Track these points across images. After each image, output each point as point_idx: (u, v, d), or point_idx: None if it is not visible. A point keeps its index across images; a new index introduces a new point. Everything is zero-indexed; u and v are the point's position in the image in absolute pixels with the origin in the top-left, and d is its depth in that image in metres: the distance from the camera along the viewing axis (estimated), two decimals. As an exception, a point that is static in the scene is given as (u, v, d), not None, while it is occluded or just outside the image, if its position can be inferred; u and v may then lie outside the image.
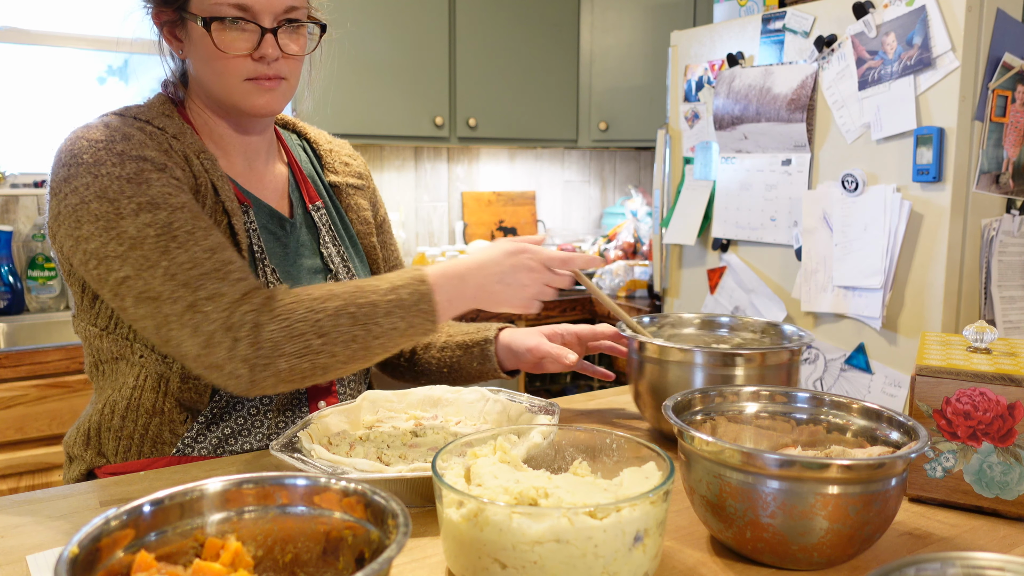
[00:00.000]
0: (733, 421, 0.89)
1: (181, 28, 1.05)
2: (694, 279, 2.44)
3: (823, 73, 1.96)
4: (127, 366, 1.06)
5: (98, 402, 1.09)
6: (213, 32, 1.00)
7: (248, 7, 1.01)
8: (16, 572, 0.72)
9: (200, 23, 1.01)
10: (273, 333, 0.90)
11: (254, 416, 1.09)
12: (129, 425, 1.06)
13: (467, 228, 3.35)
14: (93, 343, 1.07)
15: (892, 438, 0.80)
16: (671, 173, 2.49)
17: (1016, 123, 1.80)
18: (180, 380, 1.04)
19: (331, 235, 1.21)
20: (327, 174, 1.27)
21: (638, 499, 0.64)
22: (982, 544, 0.80)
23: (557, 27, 3.09)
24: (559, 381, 3.22)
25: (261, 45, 1.02)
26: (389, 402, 1.06)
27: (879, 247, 1.84)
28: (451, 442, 0.77)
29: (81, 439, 1.09)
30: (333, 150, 1.31)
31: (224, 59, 1.02)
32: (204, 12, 1.01)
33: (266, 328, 0.90)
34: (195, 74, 1.08)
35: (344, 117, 2.67)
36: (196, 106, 1.11)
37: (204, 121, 1.11)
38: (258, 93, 1.05)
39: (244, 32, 1.02)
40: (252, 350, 0.89)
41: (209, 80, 1.06)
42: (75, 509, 0.86)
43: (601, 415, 1.23)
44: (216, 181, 1.05)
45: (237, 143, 1.13)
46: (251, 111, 1.07)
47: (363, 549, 0.58)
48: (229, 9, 1.00)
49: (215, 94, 1.07)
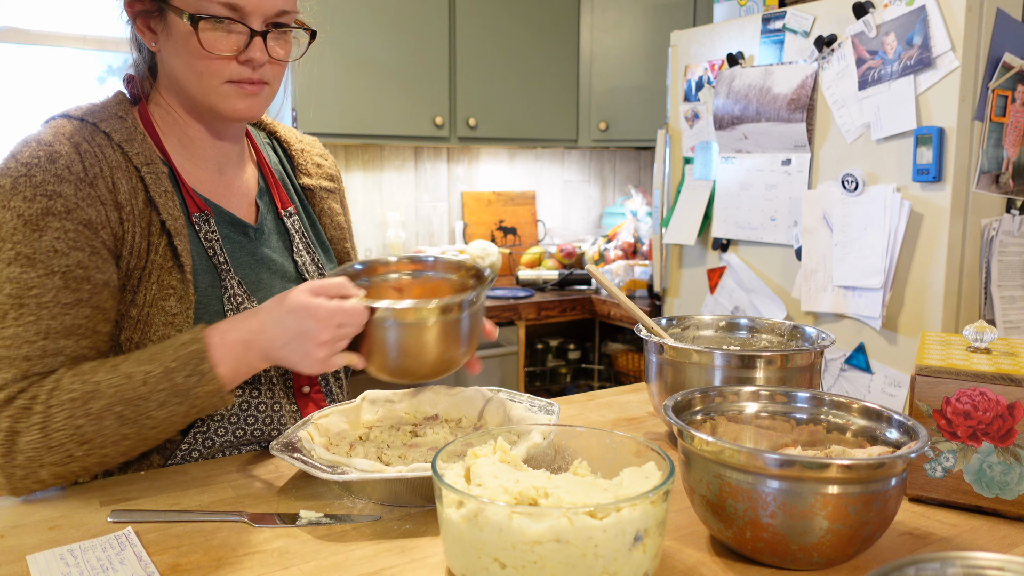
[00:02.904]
0: (733, 421, 0.89)
1: (158, 20, 0.99)
2: (694, 279, 2.44)
3: (823, 73, 1.96)
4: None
5: None
6: (200, 30, 0.95)
7: (239, 7, 0.96)
8: (16, 572, 0.72)
9: (187, 19, 0.95)
10: (30, 443, 0.86)
11: (240, 438, 1.05)
12: None
13: (467, 228, 3.35)
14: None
15: (892, 438, 0.80)
16: (671, 173, 2.49)
17: (1016, 123, 1.80)
18: None
19: (304, 242, 1.16)
20: (299, 176, 1.22)
21: (638, 499, 0.64)
22: (982, 544, 0.79)
23: (557, 27, 3.09)
24: (559, 381, 3.22)
25: (249, 48, 0.98)
26: (389, 402, 1.06)
27: (879, 247, 1.84)
28: (451, 442, 0.77)
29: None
30: (304, 150, 1.25)
31: (207, 59, 0.97)
32: (190, 8, 0.95)
33: (22, 438, 0.86)
34: (170, 70, 1.02)
35: (344, 117, 2.67)
36: (165, 104, 1.05)
37: (173, 120, 1.05)
38: (239, 97, 1.00)
39: (231, 33, 0.97)
40: (6, 460, 0.86)
41: (186, 79, 1.00)
42: (75, 509, 0.86)
43: (601, 415, 1.23)
44: (157, 199, 0.98)
45: (208, 146, 1.08)
46: (230, 115, 1.01)
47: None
48: (219, 8, 0.95)
49: (191, 94, 1.01)
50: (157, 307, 0.97)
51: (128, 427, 0.88)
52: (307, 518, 0.82)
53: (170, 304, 0.98)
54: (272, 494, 0.90)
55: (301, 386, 1.11)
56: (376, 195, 3.17)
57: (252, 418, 1.05)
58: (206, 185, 1.08)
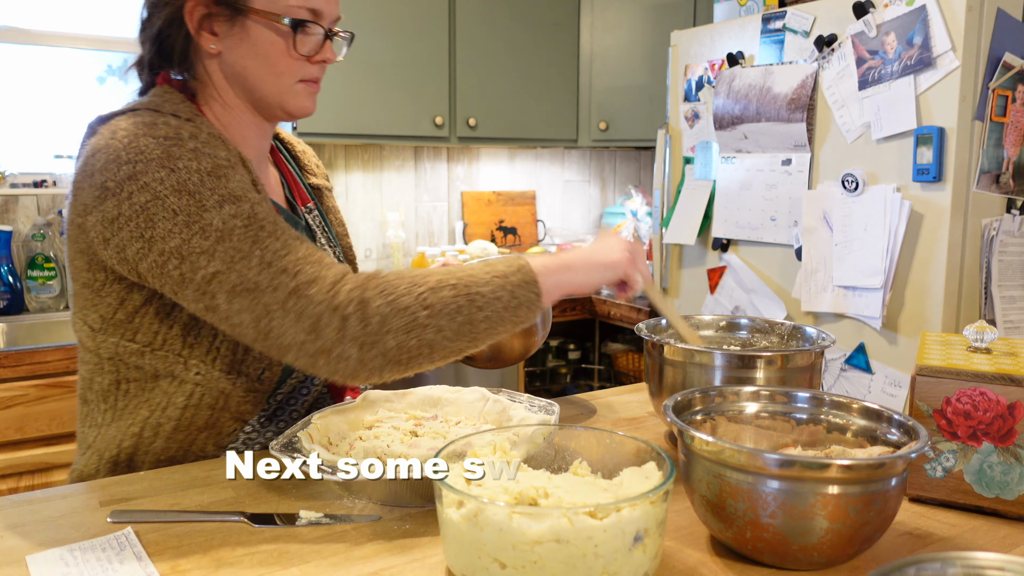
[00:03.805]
0: (733, 421, 0.89)
1: (226, 23, 1.00)
2: (694, 279, 2.44)
3: (823, 73, 1.96)
4: (171, 384, 1.00)
5: (129, 425, 1.01)
6: (298, 34, 1.00)
7: (320, 12, 1.01)
8: (16, 572, 0.72)
9: (286, 23, 0.99)
10: (380, 308, 0.87)
11: (295, 420, 1.09)
12: (174, 445, 1.01)
13: (467, 228, 3.35)
14: (126, 360, 0.99)
15: (892, 438, 0.80)
16: (671, 173, 2.49)
17: (1016, 123, 1.80)
18: (243, 392, 1.01)
19: (325, 236, 1.21)
20: (307, 176, 1.26)
21: (638, 499, 0.64)
22: (982, 544, 0.79)
23: (557, 27, 3.09)
24: (559, 381, 3.22)
25: (324, 50, 1.04)
26: (389, 402, 1.06)
27: (879, 247, 1.84)
28: (451, 442, 0.77)
29: (106, 467, 1.02)
30: (305, 151, 1.29)
31: (289, 59, 1.01)
32: (279, 11, 0.99)
33: (372, 304, 0.87)
34: (238, 71, 1.02)
35: (344, 117, 2.67)
36: (224, 102, 1.06)
37: (229, 120, 1.07)
38: (306, 95, 1.06)
39: (310, 36, 1.02)
40: (360, 327, 0.86)
41: (259, 78, 1.02)
42: (75, 509, 0.86)
43: (601, 415, 1.23)
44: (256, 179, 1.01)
45: (255, 143, 1.11)
46: (298, 112, 1.06)
47: None
48: (305, 13, 1.00)
49: (262, 93, 1.04)
50: None
51: (462, 298, 0.89)
52: (307, 518, 0.82)
53: None
54: (272, 494, 0.90)
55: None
56: (376, 195, 3.16)
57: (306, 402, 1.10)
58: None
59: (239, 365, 1.01)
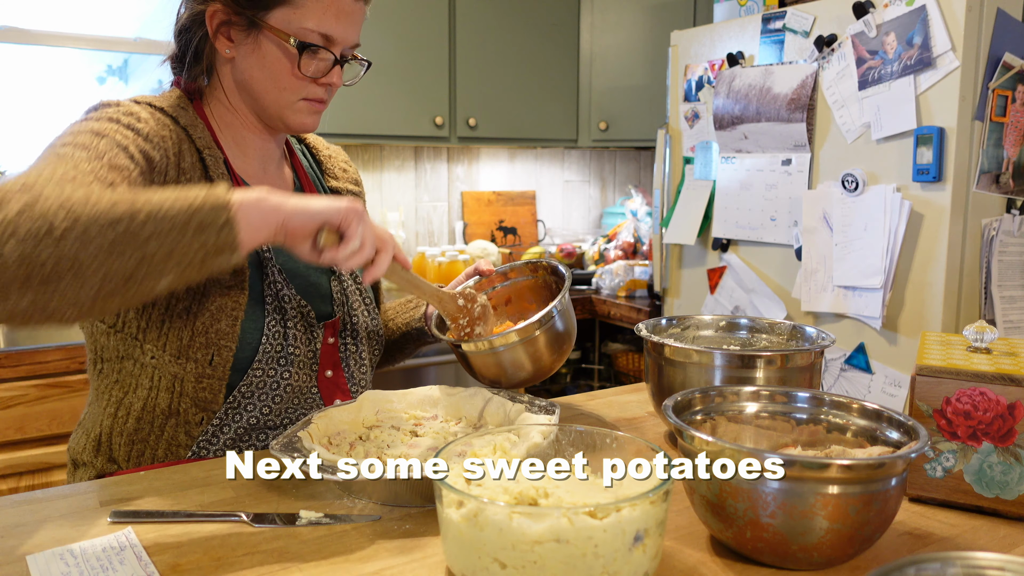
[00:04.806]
0: (733, 421, 0.89)
1: (242, 32, 1.06)
2: (694, 279, 2.44)
3: (823, 73, 1.96)
4: (135, 367, 1.05)
5: (106, 405, 1.07)
6: (304, 56, 1.05)
7: (333, 39, 1.07)
8: (16, 572, 0.72)
9: (293, 44, 1.04)
10: (11, 208, 0.70)
11: (266, 416, 1.09)
12: (144, 428, 1.05)
13: (467, 228, 3.35)
14: (98, 340, 1.07)
15: (892, 438, 0.80)
16: (671, 173, 2.49)
17: (1016, 123, 1.80)
18: (195, 379, 1.04)
19: None
20: (327, 179, 1.29)
21: (638, 499, 0.64)
22: (982, 544, 0.79)
23: (557, 27, 3.09)
24: (559, 381, 3.22)
25: (330, 74, 1.08)
26: (389, 402, 1.06)
27: (879, 247, 1.84)
28: (451, 442, 0.77)
29: (91, 445, 1.08)
30: (332, 156, 1.32)
31: (295, 78, 1.06)
32: (292, 33, 1.04)
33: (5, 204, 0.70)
34: (245, 78, 1.09)
35: (344, 117, 2.67)
36: (224, 103, 1.12)
37: (230, 120, 1.13)
38: (307, 113, 1.10)
39: (319, 60, 1.07)
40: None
41: (263, 89, 1.08)
42: (75, 509, 0.86)
43: (601, 415, 1.23)
44: (216, 178, 1.06)
45: (258, 145, 1.15)
46: (298, 128, 1.11)
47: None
48: (317, 37, 1.05)
49: (264, 103, 1.09)
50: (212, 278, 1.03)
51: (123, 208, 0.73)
52: (307, 518, 0.82)
53: (225, 278, 1.04)
54: (272, 494, 0.90)
55: (325, 370, 1.15)
56: (376, 195, 3.16)
57: (279, 397, 1.09)
58: (252, 179, 1.15)
59: (187, 350, 1.03)
